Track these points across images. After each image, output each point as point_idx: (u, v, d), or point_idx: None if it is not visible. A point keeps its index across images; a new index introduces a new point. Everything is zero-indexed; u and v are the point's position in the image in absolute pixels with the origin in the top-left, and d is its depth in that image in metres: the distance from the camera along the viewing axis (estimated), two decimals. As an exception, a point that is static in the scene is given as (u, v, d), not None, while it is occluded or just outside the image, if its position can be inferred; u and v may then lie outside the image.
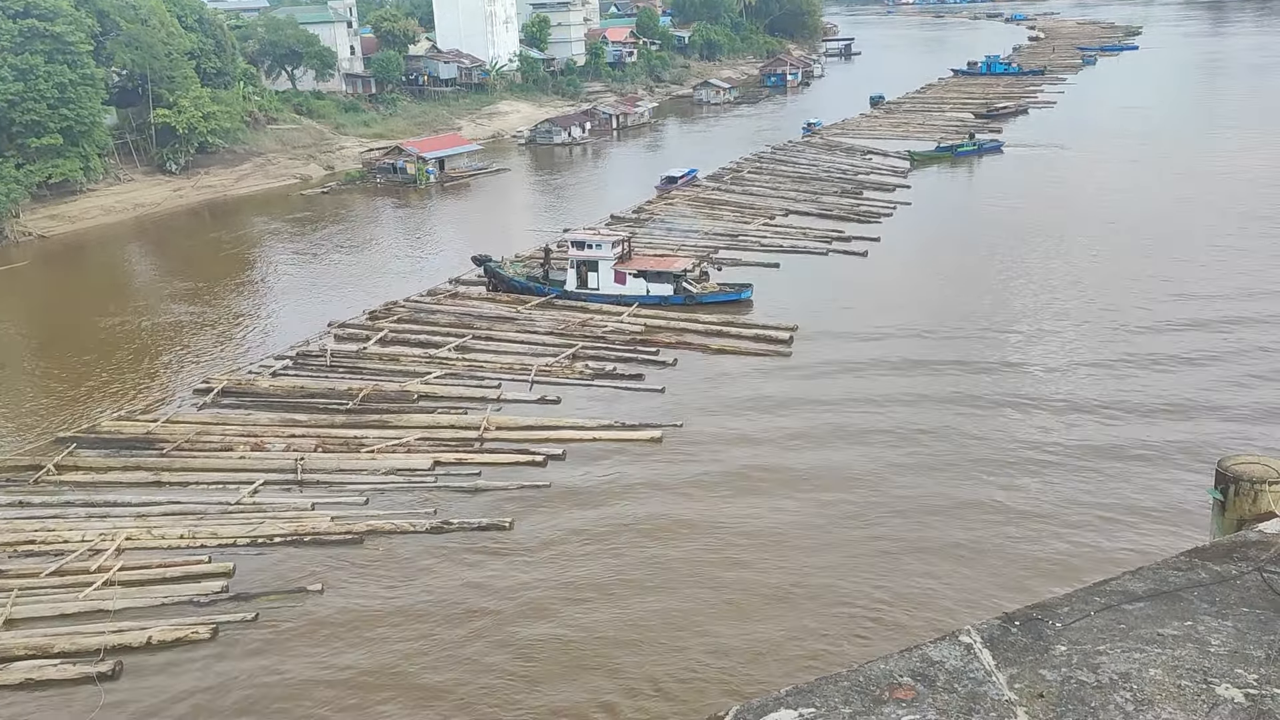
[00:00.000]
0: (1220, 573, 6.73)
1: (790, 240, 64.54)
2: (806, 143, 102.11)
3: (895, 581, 27.43)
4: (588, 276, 53.78)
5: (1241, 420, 36.74)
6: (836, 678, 5.13)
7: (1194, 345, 44.17)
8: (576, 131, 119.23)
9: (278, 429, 37.93)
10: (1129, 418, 37.44)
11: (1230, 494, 9.70)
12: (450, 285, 57.61)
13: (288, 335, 51.19)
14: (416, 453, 35.71)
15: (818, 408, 39.46)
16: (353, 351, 46.73)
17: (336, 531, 30.25)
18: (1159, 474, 33.17)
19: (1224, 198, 71.01)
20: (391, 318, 51.31)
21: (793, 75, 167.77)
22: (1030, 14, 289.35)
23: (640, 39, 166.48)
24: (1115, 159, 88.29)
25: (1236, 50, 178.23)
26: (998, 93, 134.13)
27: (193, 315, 55.93)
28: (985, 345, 45.42)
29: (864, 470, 34.13)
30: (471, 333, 48.65)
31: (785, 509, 31.78)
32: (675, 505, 32.06)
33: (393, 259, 68.70)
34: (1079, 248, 60.91)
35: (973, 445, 35.61)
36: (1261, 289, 51.12)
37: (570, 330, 48.89)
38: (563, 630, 25.65)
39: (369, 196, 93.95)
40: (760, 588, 27.27)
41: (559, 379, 42.83)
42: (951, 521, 30.45)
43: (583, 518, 31.41)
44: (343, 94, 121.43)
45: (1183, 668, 5.51)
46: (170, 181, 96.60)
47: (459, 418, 38.91)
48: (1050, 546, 28.74)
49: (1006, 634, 5.75)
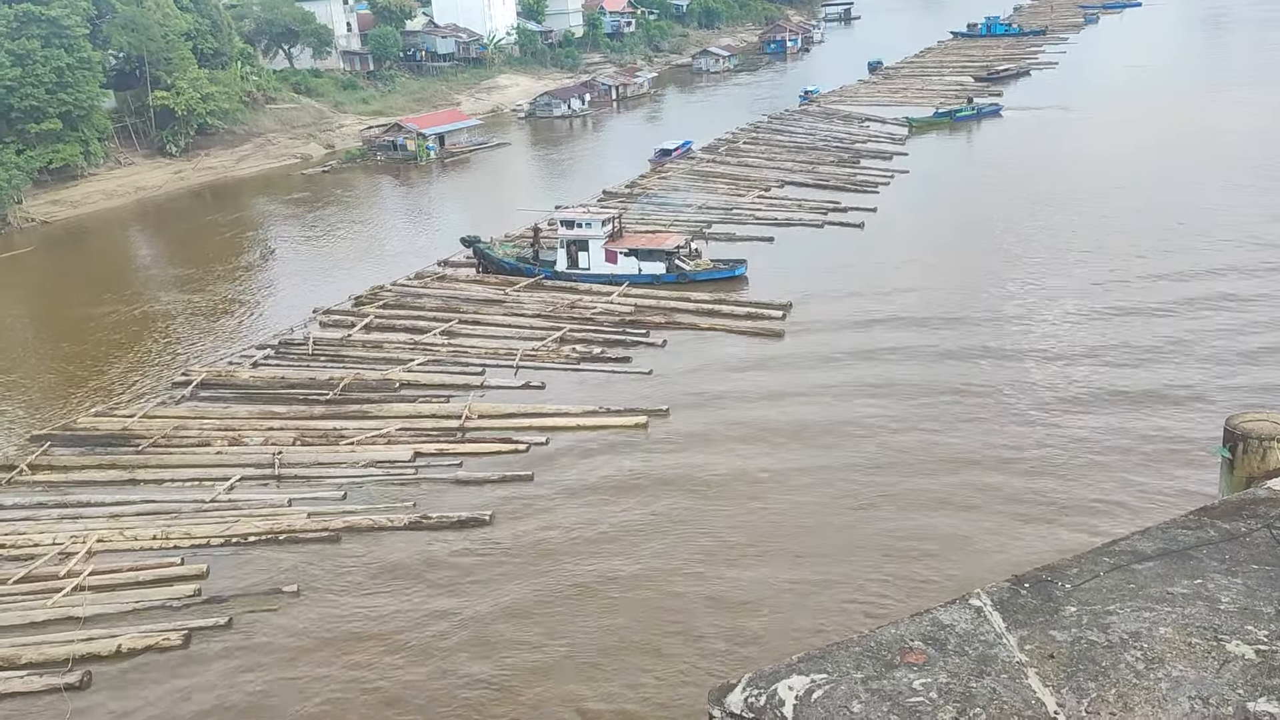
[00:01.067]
0: (1229, 530, 6.71)
1: (785, 213, 62.88)
2: (804, 111, 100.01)
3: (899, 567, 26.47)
4: (578, 256, 52.33)
5: (1251, 379, 36.16)
6: (848, 643, 5.11)
7: (1201, 310, 43.19)
8: (576, 104, 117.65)
9: (256, 422, 37.04)
10: (1134, 381, 36.69)
11: (1239, 451, 9.62)
12: (439, 267, 56.24)
13: (275, 322, 50.16)
14: (397, 444, 34.73)
15: (808, 386, 38.20)
16: (337, 339, 45.70)
17: (313, 529, 29.41)
18: (1173, 424, 33.08)
19: (1229, 155, 69.28)
20: (377, 303, 50.16)
21: (792, 41, 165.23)
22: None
23: (638, 9, 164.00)
24: (1117, 120, 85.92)
25: (1239, 4, 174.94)
26: (998, 55, 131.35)
27: (182, 303, 54.89)
28: (984, 320, 43.82)
29: (857, 454, 32.85)
30: (458, 317, 47.45)
31: (772, 496, 30.70)
32: (659, 497, 30.94)
33: (391, 239, 67.47)
34: (1078, 213, 59.25)
35: (973, 429, 34.11)
36: (1267, 242, 50.28)
37: (558, 312, 47.65)
38: (542, 636, 24.69)
39: (369, 174, 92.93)
40: (747, 584, 26.25)
41: (545, 363, 41.74)
42: (955, 510, 29.04)
43: (564, 511, 30.40)
44: (341, 71, 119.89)
45: (1193, 625, 5.49)
46: (171, 164, 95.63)
47: (441, 406, 37.93)
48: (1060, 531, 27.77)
49: (1016, 596, 5.75)
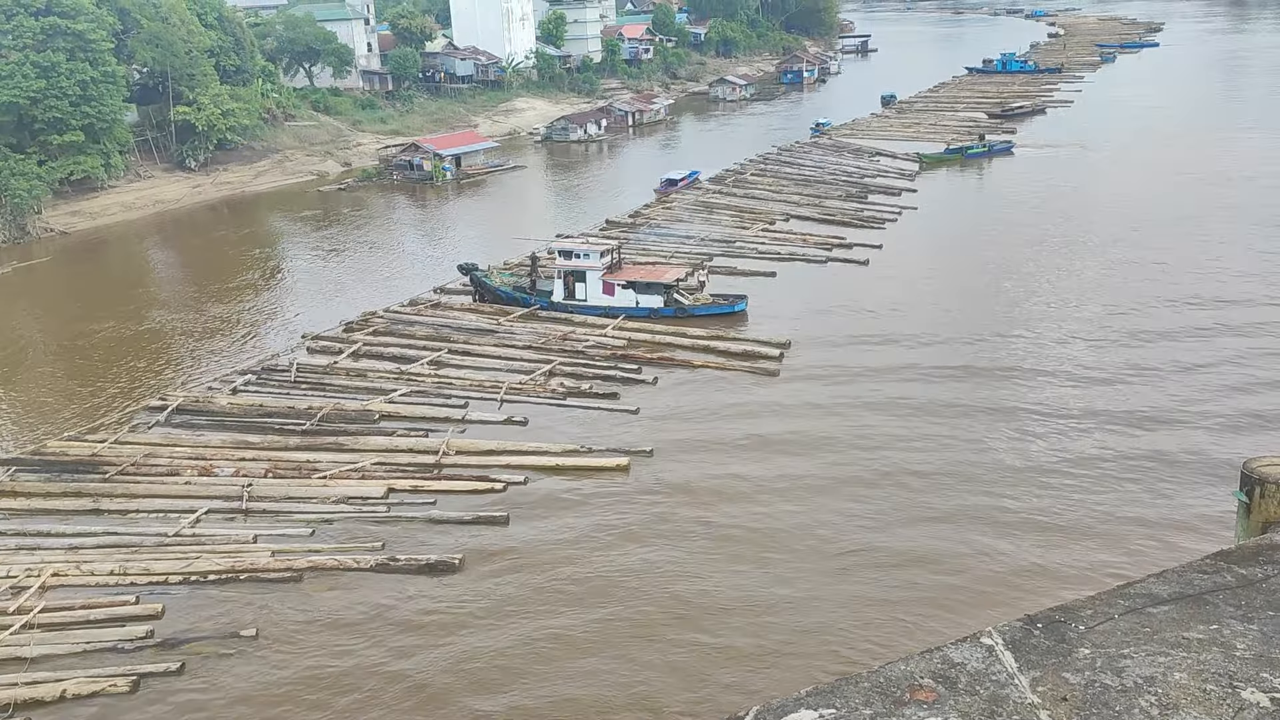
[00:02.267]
0: (1246, 576, 6.67)
1: (789, 247, 61.46)
2: (814, 143, 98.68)
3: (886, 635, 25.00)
4: (575, 287, 51.05)
5: (1264, 423, 35.66)
6: (857, 679, 5.03)
7: (1211, 352, 42.55)
8: (592, 129, 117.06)
9: (229, 451, 35.82)
10: (1145, 431, 35.70)
11: (1255, 496, 9.26)
12: (434, 294, 55.02)
13: (265, 345, 49.04)
14: (371, 478, 33.43)
15: (799, 432, 36.72)
16: (322, 366, 44.48)
17: (276, 568, 28.16)
18: (1181, 478, 32.26)
19: (1243, 202, 67.68)
20: (367, 329, 48.99)
21: (809, 72, 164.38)
22: (1051, 10, 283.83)
23: (656, 36, 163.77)
24: (1131, 162, 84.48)
25: (1258, 48, 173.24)
26: (1013, 91, 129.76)
27: (178, 322, 53.93)
28: (985, 370, 42.12)
29: (847, 505, 31.39)
30: (447, 346, 46.15)
31: (753, 549, 29.20)
32: (635, 550, 29.46)
33: (397, 261, 66.54)
34: (1089, 256, 57.69)
35: (972, 489, 32.46)
36: (1272, 296, 49.03)
37: (550, 344, 46.29)
38: (507, 699, 23.27)
39: (385, 193, 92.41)
40: (717, 653, 24.73)
41: (530, 397, 40.39)
42: (945, 575, 27.69)
43: (537, 557, 29.04)
44: (360, 91, 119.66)
45: (1208, 671, 5.43)
46: (190, 178, 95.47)
47: (418, 440, 36.64)
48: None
49: (1029, 636, 5.72)
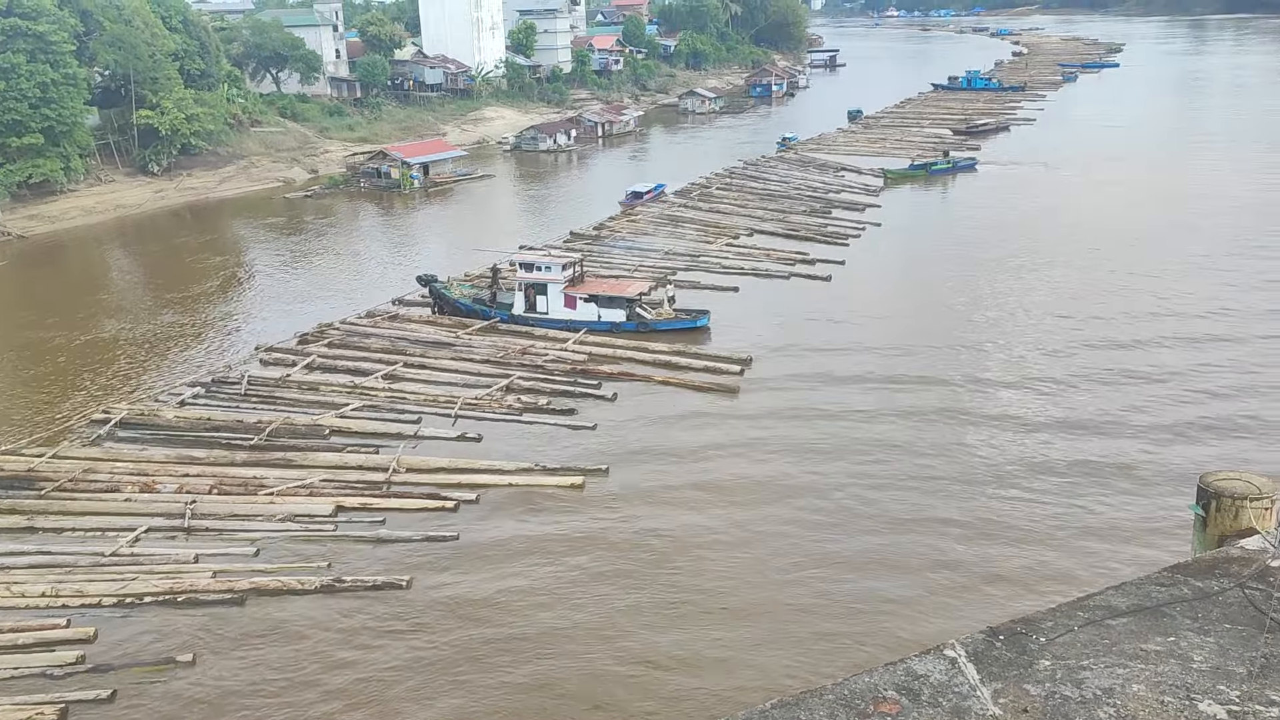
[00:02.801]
0: (1202, 589, 6.83)
1: (752, 262, 60.63)
2: (780, 158, 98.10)
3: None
4: (536, 300, 49.98)
5: (1217, 436, 35.74)
6: (820, 691, 5.01)
7: (1167, 366, 42.56)
8: (561, 139, 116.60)
9: (172, 467, 34.44)
10: (1101, 442, 35.51)
11: (1211, 509, 9.65)
12: (393, 306, 53.80)
13: (218, 357, 47.67)
14: (319, 496, 32.14)
15: (758, 450, 35.94)
16: (274, 379, 43.19)
17: (217, 590, 26.99)
18: (1137, 490, 32.17)
19: (1201, 221, 67.63)
20: (323, 341, 47.62)
21: (778, 86, 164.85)
22: (1015, 29, 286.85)
23: (626, 47, 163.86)
24: (1091, 181, 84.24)
25: (1217, 69, 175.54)
26: (977, 109, 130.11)
27: (130, 330, 52.34)
28: (944, 385, 41.65)
29: (804, 533, 30.55)
30: (403, 359, 45.00)
31: (707, 569, 28.50)
32: (587, 567, 28.63)
33: (361, 270, 65.31)
34: (1051, 273, 57.42)
35: (937, 501, 31.99)
36: (1234, 309, 49.45)
37: (509, 358, 45.14)
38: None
39: (352, 201, 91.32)
40: (664, 687, 23.79)
41: (486, 413, 39.33)
42: (901, 602, 26.94)
43: (486, 580, 28.03)
44: (327, 97, 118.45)
45: (1166, 684, 5.49)
46: (152, 183, 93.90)
47: (368, 457, 35.40)
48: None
49: (991, 648, 5.74)
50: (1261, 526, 11.68)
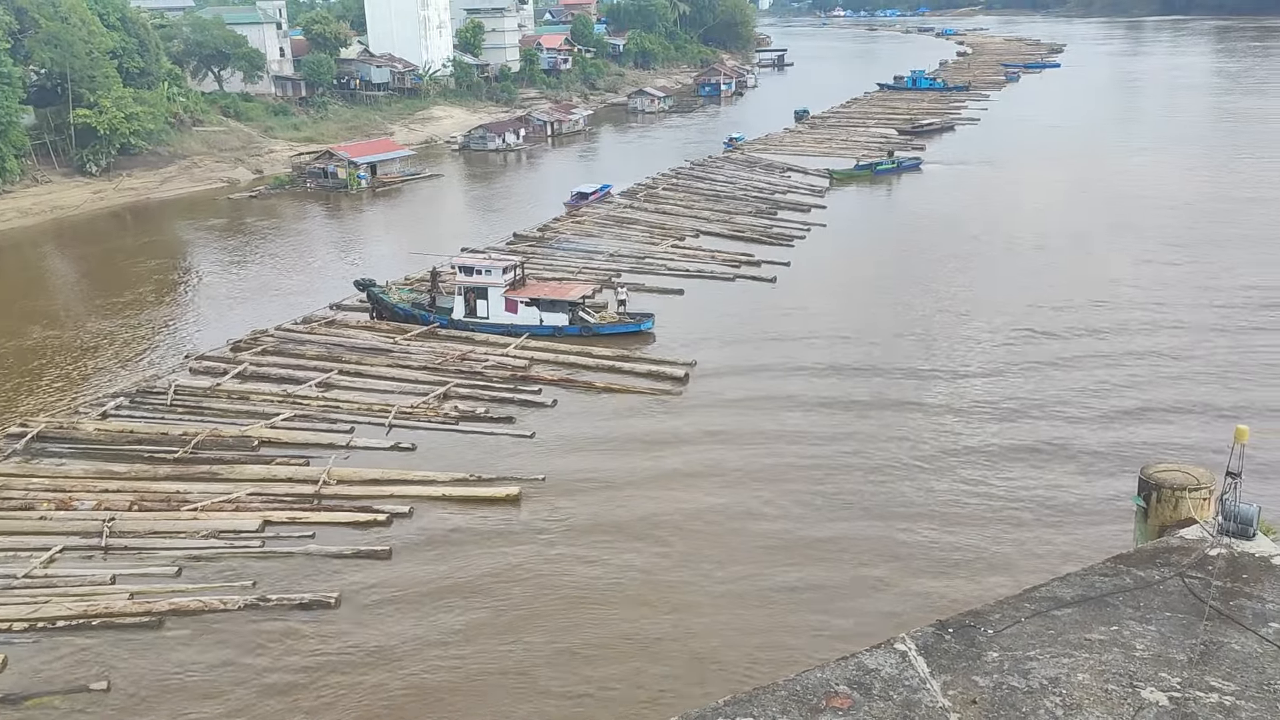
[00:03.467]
0: (1144, 578, 6.96)
1: (698, 264, 60.10)
2: (727, 158, 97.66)
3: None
4: (476, 304, 48.93)
5: (1156, 426, 36.42)
6: (773, 687, 5.09)
7: (1109, 361, 43.16)
8: (510, 138, 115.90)
9: (91, 482, 32.96)
10: (1045, 439, 35.90)
11: (1152, 500, 10.13)
12: (330, 311, 52.33)
13: (147, 366, 46.04)
14: (245, 510, 31.02)
15: (698, 454, 35.36)
16: (203, 389, 41.67)
17: (134, 612, 25.81)
18: (1080, 482, 32.56)
19: (1140, 220, 68.41)
20: (255, 349, 46.24)
21: (726, 85, 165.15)
22: (960, 29, 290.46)
23: (575, 46, 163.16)
24: (1034, 180, 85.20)
25: (1155, 70, 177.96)
26: (922, 109, 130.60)
27: (56, 338, 50.50)
28: (891, 384, 41.48)
29: (745, 538, 29.90)
30: (338, 367, 43.64)
31: (642, 585, 27.69)
32: (520, 581, 27.80)
33: (304, 273, 63.95)
34: (993, 272, 57.74)
35: (885, 499, 31.84)
36: (1170, 303, 50.50)
37: (447, 364, 43.94)
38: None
39: (298, 201, 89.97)
40: (606, 699, 23.33)
41: (422, 422, 38.27)
42: (845, 614, 26.54)
43: (418, 596, 27.22)
44: (272, 96, 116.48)
45: (1109, 672, 5.50)
46: (91, 183, 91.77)
47: (298, 469, 34.11)
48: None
49: (940, 641, 5.75)
50: (1200, 516, 11.71)
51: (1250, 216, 68.70)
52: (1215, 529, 11.22)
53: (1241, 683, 7.85)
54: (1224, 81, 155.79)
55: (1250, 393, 39.55)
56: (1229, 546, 10.69)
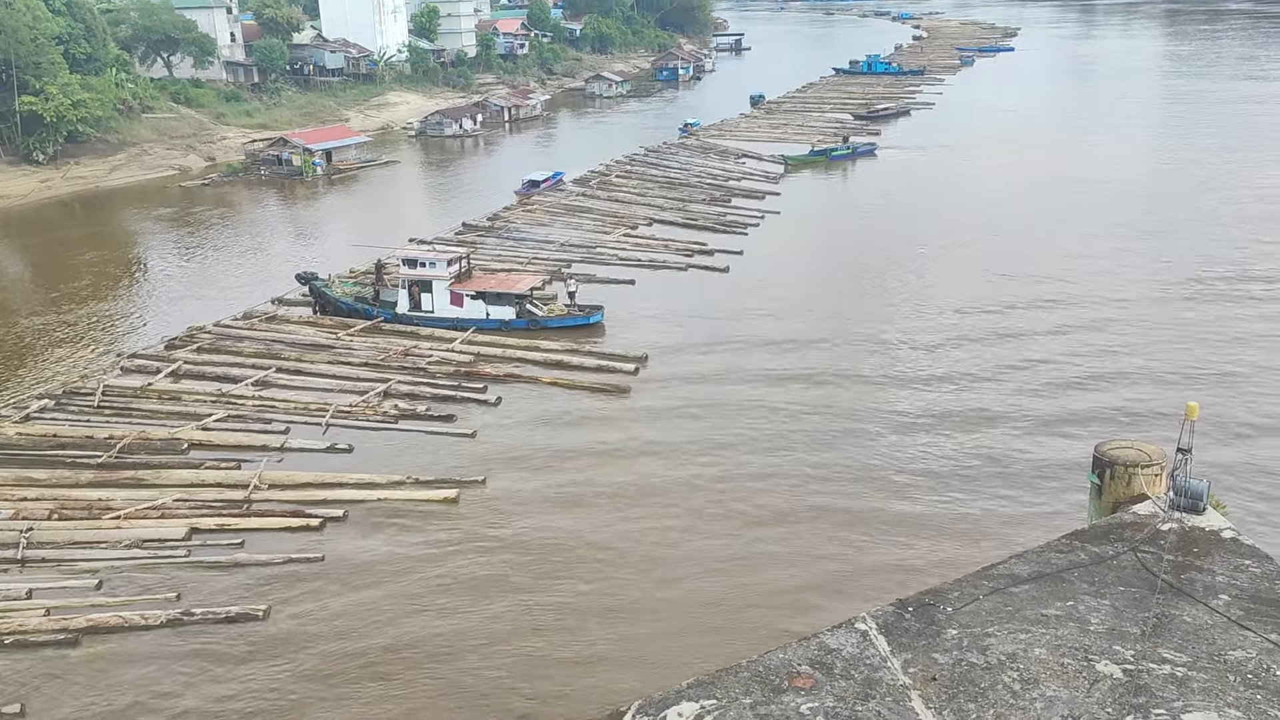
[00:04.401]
0: (1098, 554, 7.09)
1: (650, 253, 59.02)
2: (682, 144, 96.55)
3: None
4: (421, 298, 47.68)
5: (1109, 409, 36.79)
6: (736, 669, 5.29)
7: (1058, 348, 43.44)
8: (468, 124, 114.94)
9: (8, 490, 31.28)
10: (995, 425, 36.14)
11: (1106, 478, 10.21)
12: (272, 306, 50.84)
13: (80, 364, 44.29)
14: (171, 518, 29.69)
15: (645, 454, 34.50)
16: (134, 389, 39.92)
17: (49, 629, 24.54)
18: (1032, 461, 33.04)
19: (1091, 205, 68.65)
20: (191, 346, 44.71)
21: (684, 70, 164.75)
22: (916, 13, 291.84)
23: (532, 31, 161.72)
24: (988, 165, 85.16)
25: (1106, 53, 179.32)
26: (877, 93, 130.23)
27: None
28: (842, 375, 40.96)
29: (691, 538, 29.16)
30: (276, 365, 42.18)
31: (585, 591, 26.82)
32: (458, 586, 26.87)
33: (255, 263, 62.53)
34: (946, 259, 57.49)
35: (831, 493, 31.31)
36: (1119, 293, 50.80)
37: (390, 360, 42.69)
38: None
39: (252, 189, 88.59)
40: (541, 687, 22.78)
41: (360, 421, 36.98)
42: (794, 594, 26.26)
43: (351, 604, 26.22)
44: (223, 83, 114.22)
45: (1065, 646, 5.66)
46: (37, 172, 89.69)
47: (228, 473, 32.74)
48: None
49: (900, 620, 5.91)
50: (1152, 492, 11.63)
51: (1201, 200, 69.14)
52: (1167, 504, 11.46)
53: (1193, 654, 7.95)
54: (1174, 64, 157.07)
55: (1198, 368, 40.53)
56: (1180, 521, 10.87)
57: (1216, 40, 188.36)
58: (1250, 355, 42.09)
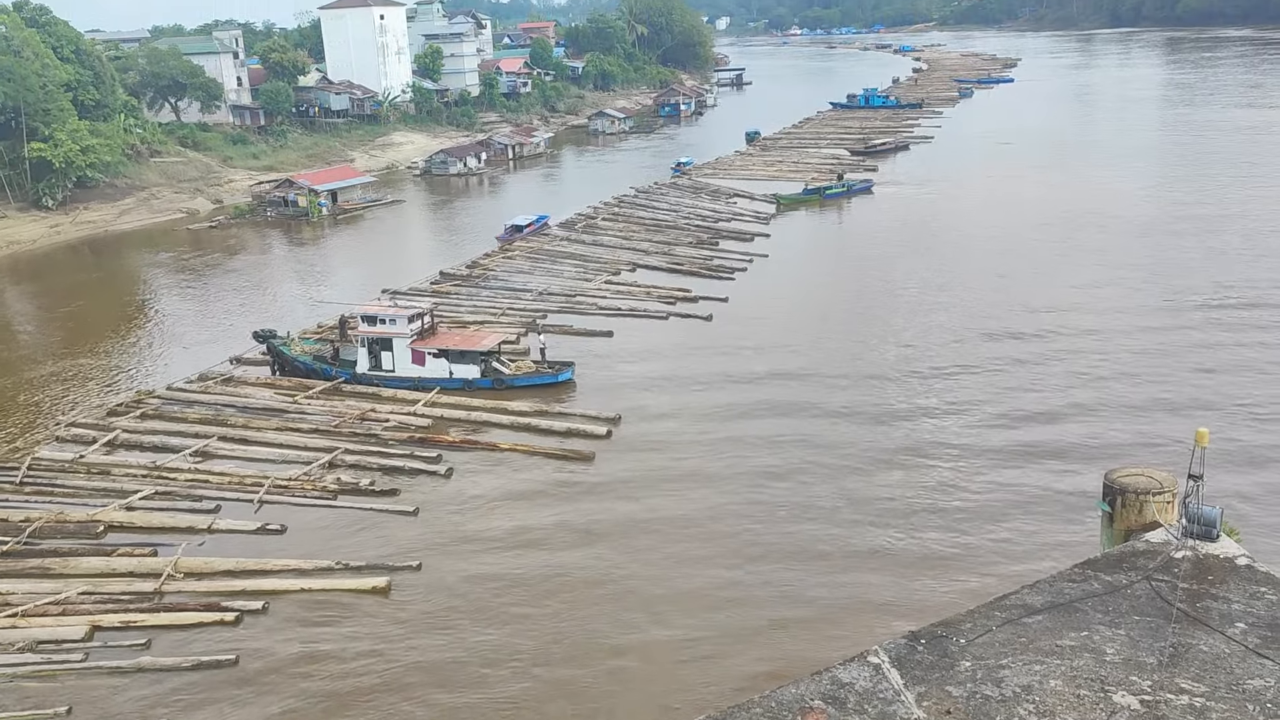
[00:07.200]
0: (1111, 583, 7.03)
1: (632, 301, 56.89)
2: (673, 184, 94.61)
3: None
4: (381, 356, 44.85)
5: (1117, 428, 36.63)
6: (748, 704, 5.08)
7: (1065, 376, 43.09)
8: (472, 162, 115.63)
9: None
10: (1014, 458, 35.57)
11: (1117, 505, 10.24)
12: (230, 366, 48.25)
13: (21, 433, 41.55)
14: (73, 614, 26.98)
15: (604, 535, 31.45)
16: (62, 462, 37.14)
17: None
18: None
19: (1099, 243, 66.56)
20: (134, 414, 42.14)
21: (686, 105, 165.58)
22: (917, 45, 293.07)
23: (534, 70, 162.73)
24: (987, 200, 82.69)
25: (1107, 82, 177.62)
26: (875, 127, 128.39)
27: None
28: (830, 449, 37.45)
29: (656, 646, 26.23)
30: (220, 433, 39.48)
31: (529, 700, 24.38)
32: (384, 698, 24.46)
33: (247, 309, 61.35)
34: (943, 301, 54.90)
35: (810, 583, 28.88)
36: (1124, 322, 50.65)
37: (344, 426, 39.97)
38: None
39: (258, 230, 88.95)
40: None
41: (297, 496, 34.20)
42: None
43: (263, 716, 23.98)
44: (231, 126, 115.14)
45: (1081, 677, 5.62)
46: (47, 217, 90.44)
47: (142, 560, 29.96)
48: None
49: (913, 652, 5.87)
50: (1164, 520, 11.22)
51: (1210, 229, 67.94)
52: (1180, 532, 11.27)
53: (1211, 684, 7.81)
54: (1178, 93, 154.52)
55: (1208, 396, 40.45)
56: (1193, 549, 10.69)
57: (1218, 68, 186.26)
58: (1258, 381, 41.84)
